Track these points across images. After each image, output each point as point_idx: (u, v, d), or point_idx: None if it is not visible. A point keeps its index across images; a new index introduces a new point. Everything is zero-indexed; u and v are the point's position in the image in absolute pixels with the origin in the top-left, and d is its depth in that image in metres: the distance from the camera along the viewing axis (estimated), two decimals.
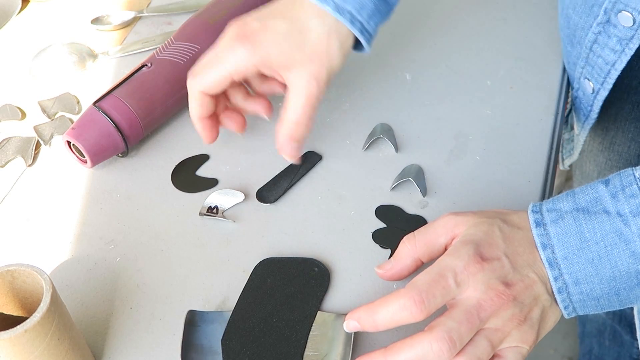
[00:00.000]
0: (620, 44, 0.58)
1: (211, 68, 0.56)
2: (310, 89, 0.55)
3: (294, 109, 0.56)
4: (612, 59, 0.59)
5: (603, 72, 0.61)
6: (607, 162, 0.79)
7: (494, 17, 0.79)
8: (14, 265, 0.42)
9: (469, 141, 0.65)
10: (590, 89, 0.64)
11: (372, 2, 0.57)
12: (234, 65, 0.55)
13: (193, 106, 0.58)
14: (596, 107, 0.65)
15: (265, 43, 0.55)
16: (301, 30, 0.55)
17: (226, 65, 0.55)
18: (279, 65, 0.55)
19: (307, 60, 0.55)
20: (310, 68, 0.55)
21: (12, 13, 0.80)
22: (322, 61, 0.55)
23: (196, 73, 0.57)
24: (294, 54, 0.55)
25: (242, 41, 0.55)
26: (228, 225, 0.58)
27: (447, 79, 0.71)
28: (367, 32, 0.58)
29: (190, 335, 0.49)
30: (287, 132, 0.56)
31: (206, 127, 0.59)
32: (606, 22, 0.58)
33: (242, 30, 0.55)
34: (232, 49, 0.55)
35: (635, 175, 0.46)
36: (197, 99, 0.57)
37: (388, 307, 0.44)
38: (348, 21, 0.56)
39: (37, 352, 0.41)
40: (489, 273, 0.45)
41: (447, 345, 0.42)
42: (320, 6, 0.55)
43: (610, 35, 0.58)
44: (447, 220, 0.49)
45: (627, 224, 0.44)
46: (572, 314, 0.47)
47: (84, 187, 0.61)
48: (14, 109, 0.69)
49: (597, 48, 0.60)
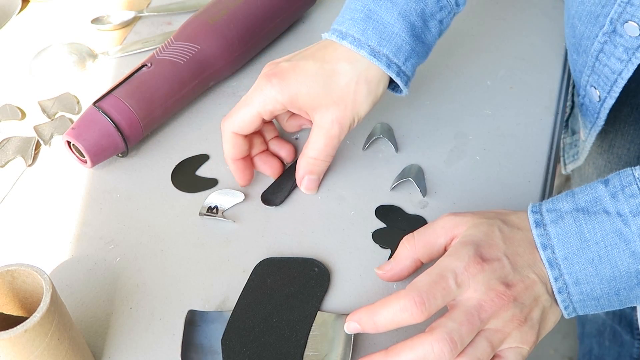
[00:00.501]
0: (627, 53, 0.58)
1: (240, 109, 0.56)
2: (332, 132, 0.56)
3: (314, 147, 0.57)
4: (618, 68, 0.59)
5: (610, 81, 0.61)
6: (607, 165, 0.79)
7: (494, 17, 0.79)
8: (14, 265, 0.42)
9: (469, 141, 0.65)
10: (597, 97, 0.64)
11: (409, 45, 0.57)
12: (262, 104, 0.55)
13: (226, 147, 0.58)
14: (603, 114, 0.65)
15: (293, 82, 0.55)
16: (330, 74, 0.56)
17: (255, 104, 0.56)
18: (306, 105, 0.56)
19: (333, 104, 0.56)
20: (335, 112, 0.56)
21: (12, 13, 0.80)
22: (347, 106, 0.56)
23: (229, 115, 0.57)
24: (321, 96, 0.56)
25: (271, 80, 0.55)
26: (228, 225, 0.58)
27: (447, 79, 0.71)
28: (404, 74, 0.58)
29: (190, 335, 0.49)
30: (306, 167, 0.58)
31: (239, 168, 0.59)
32: (612, 32, 0.58)
33: (272, 70, 0.56)
34: (261, 88, 0.56)
35: (635, 175, 0.46)
36: (229, 140, 0.57)
37: (388, 309, 0.44)
38: (384, 65, 0.56)
39: (37, 352, 0.41)
40: (489, 274, 0.45)
41: (448, 346, 0.42)
42: (356, 51, 0.56)
43: (617, 44, 0.58)
44: (447, 221, 0.49)
45: (627, 224, 0.44)
46: (572, 314, 0.47)
47: (84, 187, 0.61)
48: (14, 109, 0.69)
49: (604, 57, 0.60)
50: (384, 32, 0.56)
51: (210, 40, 0.67)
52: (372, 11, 0.57)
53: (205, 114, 0.68)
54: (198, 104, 0.69)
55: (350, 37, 0.56)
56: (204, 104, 0.69)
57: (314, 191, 0.60)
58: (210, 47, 0.67)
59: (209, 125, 0.67)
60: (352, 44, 0.56)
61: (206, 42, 0.66)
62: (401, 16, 0.57)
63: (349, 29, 0.57)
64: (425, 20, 0.58)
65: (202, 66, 0.66)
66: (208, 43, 0.67)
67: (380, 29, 0.56)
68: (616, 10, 0.56)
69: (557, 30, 0.77)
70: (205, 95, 0.70)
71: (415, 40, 0.58)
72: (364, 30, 0.56)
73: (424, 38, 0.59)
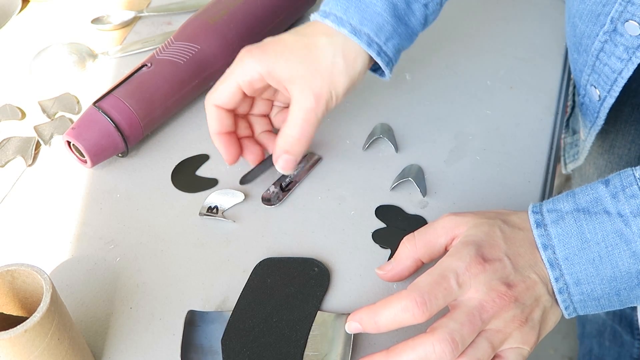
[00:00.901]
0: (627, 52, 0.58)
1: (221, 82, 0.57)
2: (308, 104, 0.55)
3: (292, 124, 0.56)
4: (618, 67, 0.59)
5: (610, 80, 0.61)
6: (607, 165, 0.79)
7: (494, 17, 0.79)
8: (14, 265, 0.42)
9: (469, 141, 0.65)
10: (597, 96, 0.64)
11: (391, 25, 0.57)
12: (241, 74, 0.56)
13: (210, 122, 0.58)
14: (602, 114, 0.65)
15: (271, 53, 0.55)
16: (308, 46, 0.56)
17: (234, 75, 0.56)
18: (284, 77, 0.56)
19: (310, 76, 0.55)
20: (312, 84, 0.55)
21: (12, 13, 0.80)
22: (324, 80, 0.55)
23: (212, 89, 0.58)
24: (298, 68, 0.55)
25: (251, 51, 0.56)
26: (228, 225, 0.58)
27: (447, 79, 0.71)
28: (385, 55, 0.58)
29: (189, 335, 0.49)
30: (283, 145, 0.57)
31: (224, 143, 0.58)
32: (613, 31, 0.58)
33: (254, 45, 0.57)
34: (241, 59, 0.56)
35: (636, 175, 0.46)
36: (212, 114, 0.58)
37: (390, 309, 0.44)
38: (365, 43, 0.56)
39: (37, 352, 0.41)
40: (490, 274, 0.45)
41: (449, 346, 0.42)
42: (337, 29, 0.56)
43: (617, 44, 0.58)
44: (447, 221, 0.49)
45: (628, 224, 0.44)
46: (572, 314, 0.47)
47: (84, 187, 0.61)
48: (14, 109, 0.69)
49: (604, 56, 0.60)
50: (366, 11, 0.57)
51: (210, 40, 0.67)
52: None
53: (205, 114, 0.68)
54: (198, 104, 0.69)
55: (332, 16, 0.57)
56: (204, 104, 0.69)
57: (290, 171, 0.58)
58: (210, 47, 0.67)
59: None
60: (333, 22, 0.56)
61: (206, 42, 0.66)
62: None
63: (332, 8, 0.57)
64: (409, 2, 0.58)
65: (202, 66, 0.66)
66: (208, 43, 0.67)
67: (362, 8, 0.57)
68: (617, 9, 0.56)
69: (557, 30, 0.77)
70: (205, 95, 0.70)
71: (398, 22, 0.58)
72: (346, 9, 0.57)
73: (407, 20, 0.59)
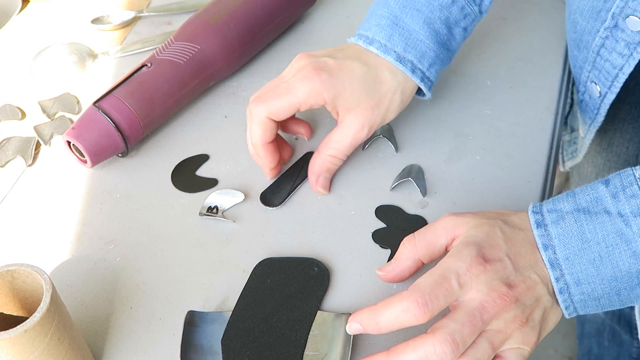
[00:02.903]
0: (628, 48, 0.58)
1: (281, 95, 0.56)
2: (360, 135, 0.57)
3: (337, 146, 0.57)
4: (619, 63, 0.59)
5: (611, 76, 0.61)
6: (606, 164, 0.79)
7: (494, 17, 0.79)
8: (14, 265, 0.42)
9: (469, 141, 0.65)
10: (597, 92, 0.64)
11: (433, 51, 0.59)
12: (306, 95, 0.55)
13: (258, 132, 0.57)
14: (603, 110, 0.65)
15: (341, 81, 0.56)
16: (375, 79, 0.57)
17: (298, 94, 0.55)
18: (345, 105, 0.56)
19: (369, 108, 0.57)
20: (369, 116, 0.57)
21: (12, 13, 0.80)
22: (380, 113, 0.57)
23: (264, 99, 0.56)
24: (362, 99, 0.56)
25: (320, 75, 0.55)
26: (228, 225, 0.58)
27: (447, 79, 0.71)
28: (428, 79, 0.60)
29: (189, 335, 0.49)
30: (323, 165, 0.58)
31: (269, 152, 0.58)
32: (614, 26, 0.58)
33: (319, 65, 0.56)
34: (307, 79, 0.55)
35: (636, 175, 0.46)
36: (263, 125, 0.56)
37: (391, 310, 0.44)
38: (409, 70, 0.58)
39: (37, 352, 0.41)
40: (491, 274, 0.45)
41: (450, 347, 0.42)
42: (382, 56, 0.57)
43: (618, 39, 0.58)
44: (448, 221, 0.49)
45: (628, 224, 0.44)
46: (572, 314, 0.47)
47: (84, 187, 0.61)
48: (14, 109, 0.69)
49: (605, 52, 0.60)
50: (409, 38, 0.58)
51: (210, 40, 0.67)
52: (398, 18, 0.58)
53: (205, 114, 0.68)
54: (198, 104, 0.69)
55: (377, 43, 0.58)
56: (204, 104, 0.69)
57: (327, 191, 0.59)
58: (210, 47, 0.67)
59: (209, 125, 0.67)
60: (378, 50, 0.57)
61: (206, 42, 0.66)
62: (426, 24, 0.58)
63: (376, 34, 0.58)
64: (450, 27, 0.60)
65: (202, 66, 0.66)
66: (208, 43, 0.67)
67: (405, 35, 0.58)
68: (618, 5, 0.56)
69: (557, 30, 0.77)
70: (205, 95, 0.70)
71: (440, 47, 0.59)
72: (390, 36, 0.58)
73: (448, 45, 0.61)
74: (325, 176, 0.59)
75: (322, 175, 0.59)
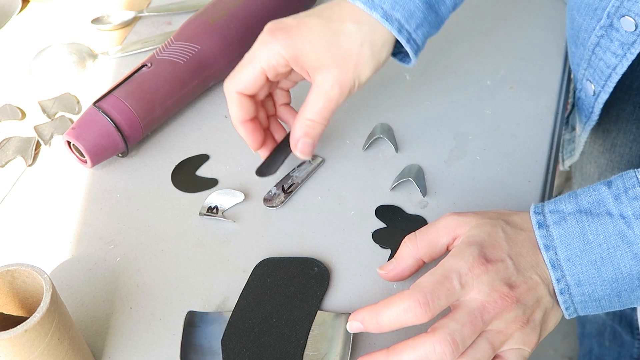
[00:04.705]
0: (622, 48, 0.58)
1: (244, 66, 0.55)
2: (331, 94, 0.54)
3: (312, 109, 0.55)
4: (613, 62, 0.59)
5: (604, 75, 0.61)
6: (608, 164, 0.79)
7: (494, 17, 0.79)
8: (14, 265, 0.42)
9: (469, 141, 0.65)
10: (592, 90, 0.64)
11: (422, 12, 0.56)
12: (266, 59, 0.54)
13: (232, 110, 0.56)
14: (597, 109, 0.65)
15: (298, 38, 0.53)
16: (335, 33, 0.54)
17: (259, 60, 0.54)
18: (309, 64, 0.54)
19: (335, 65, 0.54)
20: (337, 73, 0.54)
21: (12, 13, 0.80)
22: (349, 69, 0.54)
23: (231, 75, 0.56)
24: (324, 56, 0.54)
25: (276, 35, 0.54)
26: (228, 225, 0.58)
27: (447, 79, 0.71)
28: (414, 42, 0.57)
29: (189, 336, 0.49)
30: (302, 129, 0.56)
31: (249, 131, 0.57)
32: (609, 26, 0.58)
33: (276, 26, 0.54)
34: (264, 43, 0.54)
35: (638, 177, 0.46)
36: (234, 101, 0.56)
37: (392, 309, 0.44)
38: (396, 29, 0.55)
39: (37, 352, 0.41)
40: (493, 275, 0.45)
41: (450, 347, 0.42)
42: (369, 12, 0.54)
43: (613, 39, 0.58)
44: (449, 221, 0.49)
45: (630, 226, 0.44)
46: (573, 314, 0.47)
47: (84, 187, 0.61)
48: (14, 109, 0.69)
49: (599, 51, 0.60)
50: None
51: (210, 40, 0.67)
52: None
53: (205, 114, 0.68)
54: (198, 104, 0.69)
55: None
56: (204, 104, 0.69)
57: (308, 156, 0.57)
58: (210, 47, 0.67)
59: (209, 125, 0.67)
60: (365, 5, 0.54)
61: (206, 42, 0.66)
62: None
63: None
64: None
65: (202, 66, 0.66)
66: (208, 43, 0.67)
67: None
68: (613, 4, 0.56)
69: (556, 30, 0.77)
70: (205, 95, 0.70)
71: (429, 9, 0.57)
72: None
73: (437, 8, 0.58)
74: (305, 141, 0.56)
75: (301, 139, 0.56)
